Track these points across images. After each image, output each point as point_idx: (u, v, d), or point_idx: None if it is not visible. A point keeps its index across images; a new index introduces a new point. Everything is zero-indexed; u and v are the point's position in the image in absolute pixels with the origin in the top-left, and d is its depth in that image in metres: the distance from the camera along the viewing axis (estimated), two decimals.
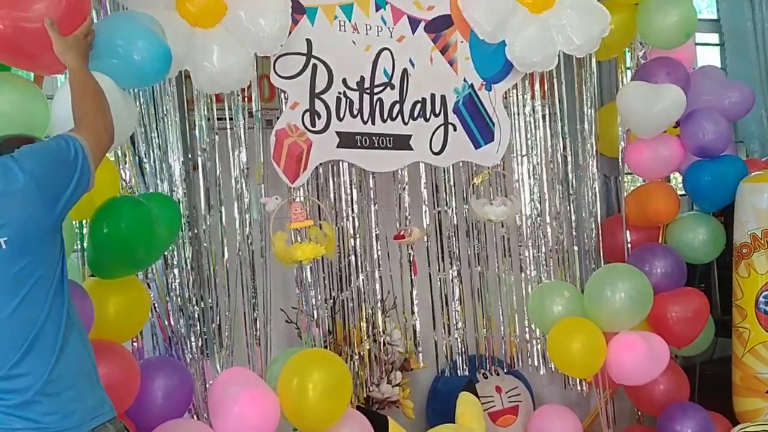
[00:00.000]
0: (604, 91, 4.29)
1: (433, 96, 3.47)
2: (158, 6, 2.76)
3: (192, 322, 3.15)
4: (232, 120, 3.19)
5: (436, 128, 3.49)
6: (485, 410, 3.76)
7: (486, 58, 3.58)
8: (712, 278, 4.35)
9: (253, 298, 3.27)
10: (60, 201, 1.95)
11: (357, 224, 3.46)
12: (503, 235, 3.92)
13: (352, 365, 3.42)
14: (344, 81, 3.25)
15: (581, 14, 3.59)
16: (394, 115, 3.38)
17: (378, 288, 3.53)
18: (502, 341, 3.96)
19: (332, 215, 3.37)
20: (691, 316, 3.88)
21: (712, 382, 4.18)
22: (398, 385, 3.60)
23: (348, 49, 3.27)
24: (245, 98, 3.18)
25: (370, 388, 3.53)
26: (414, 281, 3.61)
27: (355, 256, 3.46)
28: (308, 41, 3.16)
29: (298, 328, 3.43)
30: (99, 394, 2.03)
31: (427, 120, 3.47)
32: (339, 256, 3.45)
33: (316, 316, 3.33)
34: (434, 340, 3.76)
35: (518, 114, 3.87)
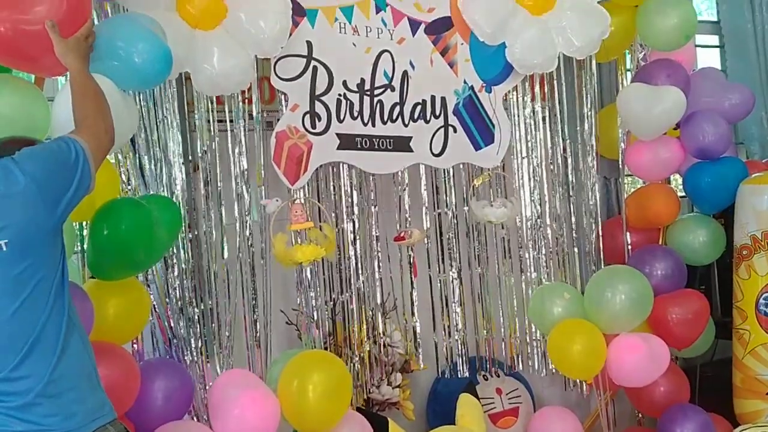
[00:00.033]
0: (604, 93, 4.29)
1: (433, 98, 3.47)
2: (159, 8, 2.76)
3: (192, 323, 3.15)
4: (232, 122, 3.19)
5: (437, 130, 3.49)
6: (485, 412, 3.76)
7: (486, 59, 3.58)
8: (713, 280, 4.34)
9: (253, 300, 3.27)
10: (61, 203, 1.95)
11: (357, 226, 3.46)
12: (503, 237, 3.92)
13: (352, 367, 3.42)
14: (344, 83, 3.25)
15: (581, 16, 3.59)
16: (395, 116, 3.38)
17: (378, 289, 3.53)
18: (503, 343, 3.96)
19: (332, 217, 3.37)
20: (691, 317, 3.88)
21: (712, 384, 4.17)
22: (398, 386, 3.59)
23: (348, 51, 3.27)
24: (245, 100, 3.18)
25: (371, 390, 3.53)
26: (414, 283, 3.61)
27: (356, 257, 3.46)
28: (308, 43, 3.16)
29: (298, 330, 3.43)
30: (100, 396, 2.04)
31: (427, 122, 3.47)
32: (339, 257, 3.45)
33: (316, 317, 3.33)
34: (434, 341, 3.75)
35: (518, 116, 3.87)
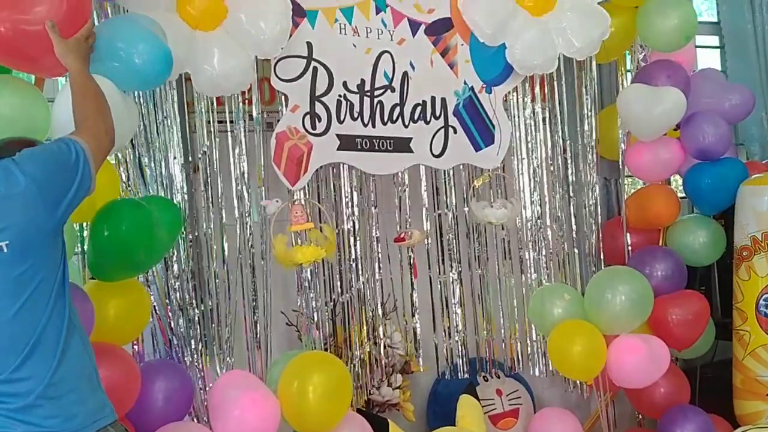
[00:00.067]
0: (604, 94, 4.28)
1: (433, 99, 3.47)
2: (159, 9, 2.76)
3: (192, 324, 3.15)
4: (232, 123, 3.20)
5: (437, 131, 3.49)
6: (486, 413, 3.75)
7: (486, 60, 3.58)
8: (713, 281, 4.34)
9: (254, 301, 3.27)
10: (61, 204, 1.95)
11: (357, 227, 3.46)
12: (503, 238, 3.91)
13: (352, 368, 3.42)
14: (345, 84, 3.25)
15: (581, 17, 3.59)
16: (395, 117, 3.38)
17: (378, 290, 3.53)
18: (503, 344, 3.95)
19: (333, 218, 3.37)
20: (691, 318, 3.87)
21: (712, 385, 4.17)
22: (399, 387, 3.60)
23: (348, 52, 3.27)
24: (246, 101, 3.18)
25: (371, 391, 3.53)
26: (414, 284, 3.61)
27: (356, 258, 3.46)
28: (309, 44, 3.16)
29: (298, 331, 3.43)
30: (100, 397, 2.03)
31: (427, 123, 3.47)
32: (339, 258, 3.44)
33: (316, 318, 3.32)
34: (434, 342, 3.75)
35: (518, 117, 3.86)
